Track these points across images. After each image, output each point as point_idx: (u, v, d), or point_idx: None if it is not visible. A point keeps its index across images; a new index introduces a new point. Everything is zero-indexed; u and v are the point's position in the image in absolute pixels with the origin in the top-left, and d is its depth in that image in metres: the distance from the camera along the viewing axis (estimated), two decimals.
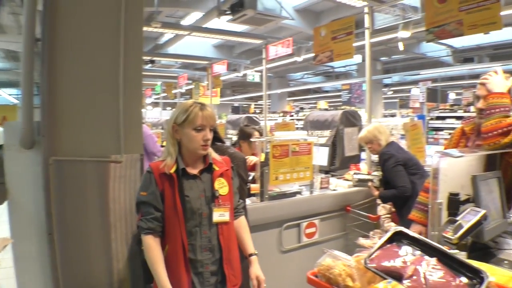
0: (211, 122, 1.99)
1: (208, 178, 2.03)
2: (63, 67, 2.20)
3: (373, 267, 1.44)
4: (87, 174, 2.27)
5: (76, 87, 2.23)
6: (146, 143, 4.82)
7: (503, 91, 2.20)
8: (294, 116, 17.54)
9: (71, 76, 2.22)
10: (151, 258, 1.91)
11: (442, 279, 1.32)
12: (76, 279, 2.25)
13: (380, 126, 3.85)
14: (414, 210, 2.71)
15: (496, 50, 16.06)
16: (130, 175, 2.42)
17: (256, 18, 6.02)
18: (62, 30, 2.19)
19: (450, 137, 2.70)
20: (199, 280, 1.95)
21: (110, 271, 2.34)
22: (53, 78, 2.16)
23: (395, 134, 7.32)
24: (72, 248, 2.23)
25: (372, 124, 4.00)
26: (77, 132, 2.25)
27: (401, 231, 1.57)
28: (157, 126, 12.30)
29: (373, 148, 3.81)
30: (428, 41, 4.26)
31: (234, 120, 9.19)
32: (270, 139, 3.56)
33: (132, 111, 2.40)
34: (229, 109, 24.49)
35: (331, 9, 11.84)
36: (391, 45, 13.48)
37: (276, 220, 3.41)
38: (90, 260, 2.28)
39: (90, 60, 2.27)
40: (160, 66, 13.49)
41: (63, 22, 2.19)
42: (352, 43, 5.31)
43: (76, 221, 2.23)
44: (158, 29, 8.27)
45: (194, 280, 1.94)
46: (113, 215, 2.35)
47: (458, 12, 3.82)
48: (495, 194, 2.12)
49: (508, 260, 1.87)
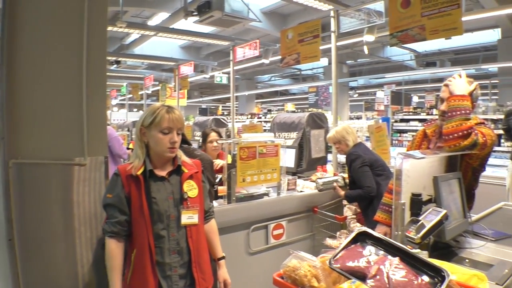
0: (178, 125, 1.98)
1: (176, 181, 2.02)
2: (23, 67, 2.13)
3: (338, 268, 1.45)
4: (49, 177, 2.21)
5: (37, 88, 2.17)
6: (112, 145, 4.74)
7: (464, 93, 2.26)
8: (262, 118, 17.57)
9: (31, 77, 2.16)
10: (109, 264, 1.90)
11: (404, 278, 1.34)
12: (38, 286, 2.18)
13: (348, 127, 3.91)
14: (379, 211, 2.76)
15: (457, 55, 16.64)
16: (95, 178, 2.37)
17: (223, 19, 6.01)
18: (22, 29, 2.13)
19: (413, 139, 2.76)
20: (167, 284, 1.93)
21: (75, 276, 2.29)
22: (12, 79, 2.10)
23: (361, 136, 7.47)
24: (34, 254, 2.17)
25: (340, 125, 4.06)
26: (39, 135, 2.19)
27: (365, 232, 1.59)
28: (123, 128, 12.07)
29: (341, 148, 3.88)
30: (392, 45, 4.36)
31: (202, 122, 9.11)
32: (237, 141, 3.55)
33: (96, 113, 2.35)
34: (196, 111, 24.32)
35: (298, 12, 11.96)
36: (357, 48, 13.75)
37: (243, 222, 3.41)
38: (54, 266, 2.22)
39: (51, 60, 2.22)
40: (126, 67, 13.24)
41: (23, 21, 2.13)
42: (318, 46, 5.38)
43: (38, 226, 2.17)
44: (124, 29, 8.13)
45: (162, 283, 1.92)
46: (78, 219, 2.30)
47: (420, 17, 3.93)
48: (456, 194, 2.18)
49: (469, 259, 1.92)
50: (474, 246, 2.06)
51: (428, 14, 3.86)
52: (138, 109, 28.43)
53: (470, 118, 2.18)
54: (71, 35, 2.26)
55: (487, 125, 2.35)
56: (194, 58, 14.90)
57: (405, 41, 4.15)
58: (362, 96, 23.81)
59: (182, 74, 11.47)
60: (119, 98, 20.57)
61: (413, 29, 4.00)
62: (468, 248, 2.05)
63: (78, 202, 2.29)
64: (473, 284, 1.48)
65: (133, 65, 13.84)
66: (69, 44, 2.26)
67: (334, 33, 5.35)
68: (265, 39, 11.44)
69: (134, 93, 16.48)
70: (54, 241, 2.22)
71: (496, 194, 4.99)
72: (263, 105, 29.60)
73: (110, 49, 14.08)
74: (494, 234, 2.22)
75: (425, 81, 20.14)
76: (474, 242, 2.11)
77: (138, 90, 16.29)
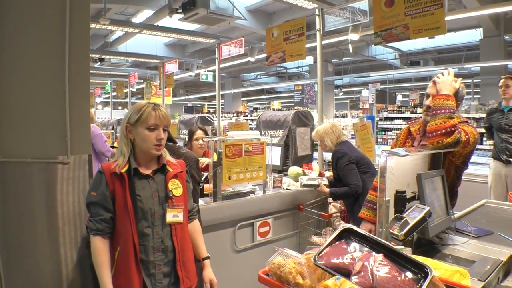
0: (165, 122, 1.97)
1: (161, 179, 2.01)
2: (3, 64, 2.10)
3: (322, 264, 1.46)
4: (32, 176, 2.18)
5: (18, 85, 2.14)
6: (95, 142, 4.70)
7: (449, 93, 2.29)
8: (248, 116, 17.58)
9: (12, 74, 2.12)
10: (96, 260, 1.89)
11: (388, 274, 1.35)
12: (21, 287, 2.15)
13: (331, 126, 3.93)
14: (364, 209, 2.78)
15: (440, 54, 16.87)
16: (79, 177, 2.35)
17: (208, 17, 5.98)
18: (2, 25, 2.09)
19: (397, 137, 2.79)
20: (151, 282, 1.92)
21: (59, 276, 2.26)
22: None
23: (346, 134, 7.51)
24: (17, 255, 2.14)
25: (326, 123, 4.08)
26: (20, 133, 2.15)
27: (350, 228, 1.60)
28: (108, 126, 11.97)
29: (322, 146, 3.92)
30: (376, 44, 4.40)
31: (187, 120, 9.07)
32: (223, 139, 3.54)
33: (79, 111, 2.32)
34: (182, 109, 24.21)
35: (283, 10, 11.99)
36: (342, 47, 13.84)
37: (229, 220, 3.40)
38: (37, 266, 2.19)
39: (33, 57, 2.18)
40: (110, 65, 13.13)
41: (3, 17, 2.09)
42: (304, 44, 5.40)
43: (20, 226, 2.14)
44: (107, 26, 8.05)
45: (146, 281, 1.91)
46: (61, 218, 2.27)
47: (404, 16, 3.97)
48: (439, 191, 2.20)
49: (451, 255, 1.95)
50: (456, 242, 2.09)
51: (411, 14, 3.90)
52: (123, 107, 28.20)
53: (454, 117, 2.22)
54: (53, 32, 2.22)
55: (470, 123, 2.39)
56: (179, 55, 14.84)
57: (389, 40, 4.19)
58: (347, 95, 23.98)
59: (167, 72, 11.41)
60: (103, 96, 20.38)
61: (397, 28, 4.05)
62: (451, 244, 2.08)
63: (62, 201, 2.26)
64: (455, 280, 1.50)
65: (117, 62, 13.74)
66: (51, 41, 2.22)
67: (319, 31, 5.37)
68: (251, 37, 11.45)
69: (118, 91, 16.35)
70: (37, 241, 2.19)
71: (478, 191, 5.07)
72: (249, 103, 29.59)
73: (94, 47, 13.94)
74: (476, 231, 2.25)
75: (409, 79, 20.38)
76: (457, 239, 2.14)
77: (122, 88, 16.17)
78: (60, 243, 2.26)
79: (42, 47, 2.20)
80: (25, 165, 2.15)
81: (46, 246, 2.21)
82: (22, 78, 2.15)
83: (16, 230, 2.13)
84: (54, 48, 2.22)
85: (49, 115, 2.23)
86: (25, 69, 2.15)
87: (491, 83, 12.49)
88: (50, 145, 2.23)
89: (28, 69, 2.16)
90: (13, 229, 2.12)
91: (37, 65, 2.19)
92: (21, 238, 2.14)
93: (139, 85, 16.12)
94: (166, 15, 7.17)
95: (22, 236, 2.15)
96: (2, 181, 2.10)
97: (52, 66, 2.22)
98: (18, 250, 2.14)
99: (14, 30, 2.13)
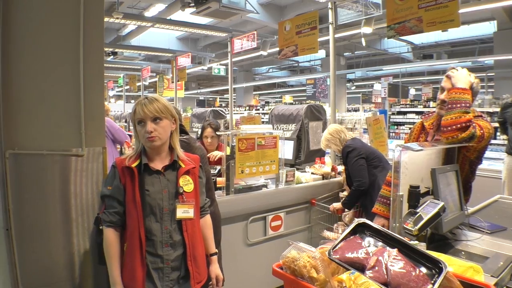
0: (151, 114, 1.92)
1: (172, 175, 2.02)
2: (19, 57, 2.12)
3: (337, 259, 1.46)
4: (46, 168, 2.21)
5: (33, 78, 2.17)
6: (118, 136, 4.78)
7: (466, 87, 2.27)
8: (260, 110, 17.55)
9: (28, 67, 2.15)
10: (107, 252, 1.93)
11: (402, 269, 1.35)
12: (35, 276, 2.19)
13: (332, 131, 3.88)
14: (377, 204, 2.77)
15: (454, 47, 16.63)
16: (92, 169, 2.38)
17: (220, 11, 5.96)
18: (17, 20, 2.11)
19: (410, 132, 2.76)
20: (158, 275, 1.94)
21: (72, 266, 2.30)
22: (7, 69, 2.09)
23: (358, 128, 7.47)
24: (31, 244, 2.18)
25: (326, 130, 4.01)
26: (36, 125, 2.18)
27: (364, 223, 1.60)
28: (121, 119, 12.06)
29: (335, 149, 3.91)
30: (389, 37, 4.35)
31: (200, 113, 9.11)
32: (235, 133, 3.55)
33: (94, 103, 2.35)
34: (194, 103, 24.26)
35: (295, 3, 11.91)
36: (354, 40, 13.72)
37: (242, 214, 3.42)
38: (51, 256, 2.23)
39: (48, 50, 2.21)
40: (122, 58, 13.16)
41: (18, 12, 2.11)
42: (316, 37, 5.36)
43: (35, 217, 2.18)
44: (120, 20, 8.07)
45: (153, 274, 1.93)
46: (75, 210, 2.31)
47: (417, 9, 3.91)
48: (453, 186, 2.18)
49: (465, 251, 1.94)
50: (470, 238, 2.08)
51: (425, 6, 3.85)
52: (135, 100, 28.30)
53: (469, 112, 2.19)
54: (67, 26, 2.24)
55: (485, 118, 2.36)
56: (191, 49, 14.84)
57: (402, 33, 4.14)
58: (359, 88, 23.78)
59: (179, 66, 11.43)
60: (116, 89, 20.49)
61: (410, 21, 3.99)
62: (464, 240, 2.06)
63: (76, 193, 2.30)
64: (469, 276, 1.49)
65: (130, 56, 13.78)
66: (66, 35, 2.24)
67: (332, 25, 5.32)
68: (263, 30, 11.39)
69: (131, 85, 16.43)
70: (51, 231, 2.23)
71: (492, 187, 5.02)
72: (261, 97, 29.54)
73: (107, 41, 13.99)
74: (490, 227, 2.23)
75: (422, 73, 20.15)
76: (470, 235, 2.12)
77: (135, 82, 16.24)
78: (73, 234, 2.30)
79: (57, 41, 2.22)
80: (40, 157, 2.18)
81: (59, 236, 2.25)
82: (38, 72, 2.17)
83: (31, 219, 2.17)
84: (69, 42, 2.25)
85: (64, 108, 2.26)
86: (40, 63, 2.18)
87: (506, 76, 12.31)
88: (65, 137, 2.26)
89: (43, 63, 2.19)
90: (29, 218, 2.16)
91: (53, 59, 2.21)
92: (35, 228, 2.18)
93: (151, 78, 16.16)
94: (178, 9, 7.15)
95: (36, 226, 2.18)
96: (18, 172, 2.13)
97: (67, 60, 2.25)
98: (33, 240, 2.18)
99: (31, 25, 2.15)
